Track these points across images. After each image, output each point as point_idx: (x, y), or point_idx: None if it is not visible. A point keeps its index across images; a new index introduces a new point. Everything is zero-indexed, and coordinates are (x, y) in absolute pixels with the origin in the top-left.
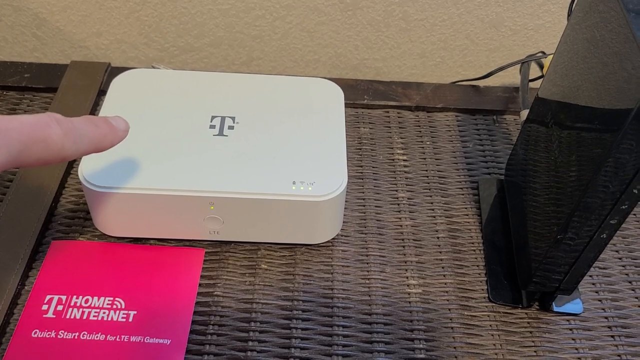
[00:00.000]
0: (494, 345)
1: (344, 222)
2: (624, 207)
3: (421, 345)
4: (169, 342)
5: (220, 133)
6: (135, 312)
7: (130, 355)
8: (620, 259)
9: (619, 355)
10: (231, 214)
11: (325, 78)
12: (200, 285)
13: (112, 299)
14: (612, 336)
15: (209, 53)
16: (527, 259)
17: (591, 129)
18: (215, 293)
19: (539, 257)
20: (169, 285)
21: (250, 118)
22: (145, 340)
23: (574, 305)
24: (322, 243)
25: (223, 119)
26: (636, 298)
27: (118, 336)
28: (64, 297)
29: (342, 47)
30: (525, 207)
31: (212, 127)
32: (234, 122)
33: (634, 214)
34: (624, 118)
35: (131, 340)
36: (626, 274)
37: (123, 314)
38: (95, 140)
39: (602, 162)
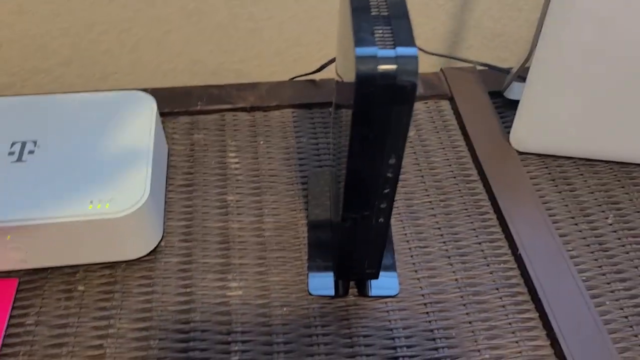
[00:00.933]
0: (310, 337)
1: (168, 232)
2: (386, 191)
3: (236, 348)
4: None
5: (19, 159)
6: None
7: None
8: (441, 235)
9: (431, 331)
10: (31, 241)
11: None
12: (12, 316)
13: None
14: (427, 312)
15: (62, 72)
16: (337, 248)
17: (344, 113)
18: (27, 322)
19: (338, 244)
20: None
21: (53, 140)
22: None
23: (390, 288)
24: (145, 257)
25: (24, 143)
26: (453, 272)
27: None
28: None
29: (197, 53)
30: (337, 194)
31: (11, 153)
32: (35, 146)
33: (458, 190)
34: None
35: None
36: (446, 250)
37: None
38: None
39: (350, 148)
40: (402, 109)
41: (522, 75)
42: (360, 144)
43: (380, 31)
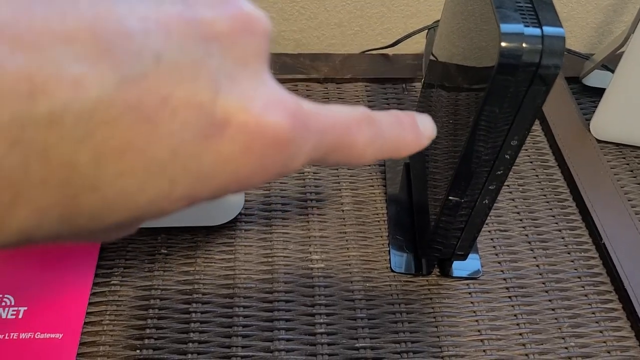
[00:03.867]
0: (394, 314)
1: (247, 200)
2: (499, 172)
3: (322, 320)
4: (61, 337)
5: None
6: (25, 308)
7: (20, 353)
8: (520, 220)
9: (515, 315)
10: None
11: None
12: (96, 275)
13: (0, 296)
14: (509, 297)
15: None
16: (425, 226)
17: (463, 93)
18: (112, 282)
19: (434, 223)
20: (62, 277)
21: None
22: (35, 337)
23: (472, 269)
24: (225, 224)
25: None
26: (534, 258)
27: (7, 334)
28: None
29: None
30: (424, 174)
31: None
32: None
33: (536, 175)
34: (487, 79)
35: (21, 337)
36: (526, 235)
37: (13, 310)
38: (395, 147)
39: (473, 128)
40: (540, 90)
41: (602, 63)
42: (486, 123)
43: (524, 9)
